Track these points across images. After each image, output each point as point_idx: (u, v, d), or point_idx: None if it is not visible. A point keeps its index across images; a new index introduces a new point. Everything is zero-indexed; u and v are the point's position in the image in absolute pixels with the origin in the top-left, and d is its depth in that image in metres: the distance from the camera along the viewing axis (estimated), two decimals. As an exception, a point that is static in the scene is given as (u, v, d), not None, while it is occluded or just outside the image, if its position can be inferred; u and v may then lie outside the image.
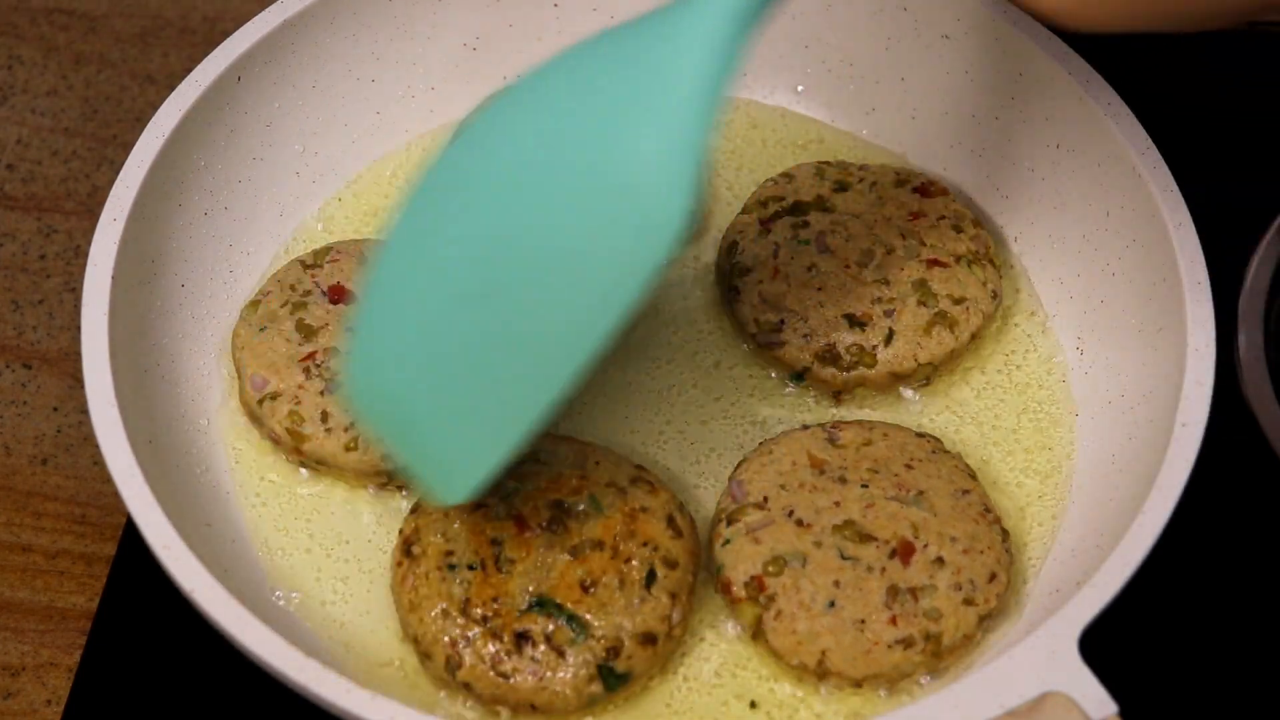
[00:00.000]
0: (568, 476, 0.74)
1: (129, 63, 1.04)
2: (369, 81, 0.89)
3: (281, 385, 0.77)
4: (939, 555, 0.73)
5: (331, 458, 0.77)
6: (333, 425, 0.76)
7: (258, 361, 0.78)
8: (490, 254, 0.65)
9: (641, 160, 0.63)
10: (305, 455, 0.77)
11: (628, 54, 0.64)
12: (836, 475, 0.76)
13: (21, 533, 0.85)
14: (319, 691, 0.65)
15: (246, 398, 0.78)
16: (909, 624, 0.72)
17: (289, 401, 0.77)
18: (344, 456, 0.76)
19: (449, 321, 0.66)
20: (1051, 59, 0.83)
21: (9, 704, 0.80)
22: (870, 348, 0.80)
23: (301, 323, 0.79)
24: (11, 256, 0.96)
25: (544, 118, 0.66)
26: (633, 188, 0.63)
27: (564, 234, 0.64)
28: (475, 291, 0.65)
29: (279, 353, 0.78)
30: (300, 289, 0.81)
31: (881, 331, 0.81)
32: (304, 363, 0.78)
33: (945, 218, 0.84)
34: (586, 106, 0.65)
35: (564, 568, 0.72)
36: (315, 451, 0.77)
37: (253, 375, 0.78)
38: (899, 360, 0.80)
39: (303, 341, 0.79)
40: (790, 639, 0.72)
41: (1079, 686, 0.65)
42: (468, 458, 0.67)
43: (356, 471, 0.77)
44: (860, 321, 0.81)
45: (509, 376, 0.65)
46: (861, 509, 0.74)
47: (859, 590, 0.72)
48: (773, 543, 0.73)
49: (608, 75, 0.64)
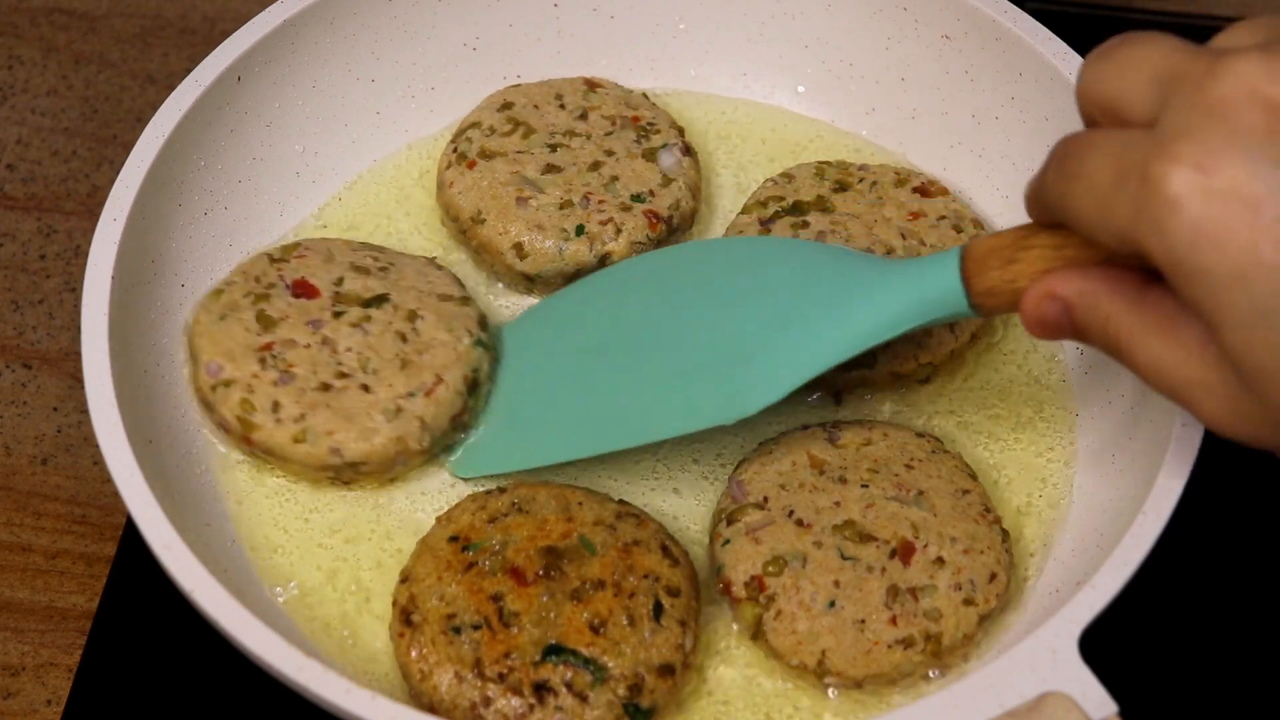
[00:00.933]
0: (553, 522, 0.74)
1: (129, 63, 1.04)
2: (369, 81, 0.89)
3: (236, 373, 0.77)
4: (939, 555, 0.73)
5: (279, 449, 0.76)
6: (283, 417, 0.76)
7: (214, 348, 0.78)
8: (622, 338, 0.78)
9: (777, 353, 0.73)
10: (254, 445, 0.76)
11: (827, 269, 0.74)
12: (836, 475, 0.76)
13: (21, 533, 0.85)
14: (319, 691, 0.65)
15: (200, 383, 0.78)
16: (909, 624, 0.72)
17: (241, 390, 0.76)
18: (292, 448, 0.76)
19: (567, 366, 0.79)
20: (1051, 59, 0.83)
21: (9, 704, 0.80)
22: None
23: (262, 314, 0.79)
24: (11, 256, 0.96)
25: (722, 270, 0.79)
26: (757, 369, 0.73)
27: (679, 354, 0.76)
28: (598, 353, 0.79)
29: (236, 341, 0.78)
30: (264, 281, 0.80)
31: None
32: (261, 352, 0.77)
33: (945, 218, 0.84)
34: (766, 279, 0.76)
35: (570, 612, 0.71)
36: (264, 441, 0.76)
37: (208, 361, 0.77)
38: (899, 360, 0.80)
39: (261, 332, 0.78)
40: (790, 639, 0.72)
41: (1079, 686, 0.65)
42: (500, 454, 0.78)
43: (304, 465, 0.77)
44: None
45: (589, 416, 0.77)
46: (862, 509, 0.74)
47: (859, 590, 0.72)
48: (773, 543, 0.73)
49: (802, 268, 0.75)
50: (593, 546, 0.73)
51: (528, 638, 0.70)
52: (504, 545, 0.73)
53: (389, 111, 0.90)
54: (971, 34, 0.86)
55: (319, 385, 0.76)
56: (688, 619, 0.72)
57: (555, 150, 0.86)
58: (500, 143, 0.86)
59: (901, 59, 0.90)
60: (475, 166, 0.85)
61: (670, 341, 0.77)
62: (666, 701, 0.71)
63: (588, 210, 0.84)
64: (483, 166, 0.85)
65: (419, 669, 0.71)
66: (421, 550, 0.74)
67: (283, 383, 0.76)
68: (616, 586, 0.72)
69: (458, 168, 0.86)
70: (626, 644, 0.71)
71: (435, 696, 0.70)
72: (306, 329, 0.78)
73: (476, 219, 0.84)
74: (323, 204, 0.89)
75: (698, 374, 0.75)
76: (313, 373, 0.77)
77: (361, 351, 0.78)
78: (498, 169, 0.85)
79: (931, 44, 0.88)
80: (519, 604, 0.71)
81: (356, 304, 0.79)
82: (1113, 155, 0.57)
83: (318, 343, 0.78)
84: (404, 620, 0.72)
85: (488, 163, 0.85)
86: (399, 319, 0.79)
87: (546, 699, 0.69)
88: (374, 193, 0.89)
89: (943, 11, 0.87)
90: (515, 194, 0.84)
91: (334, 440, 0.75)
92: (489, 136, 0.87)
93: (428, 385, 0.77)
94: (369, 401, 0.76)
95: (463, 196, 0.85)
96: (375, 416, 0.76)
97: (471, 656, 0.70)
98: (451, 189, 0.85)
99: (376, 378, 0.77)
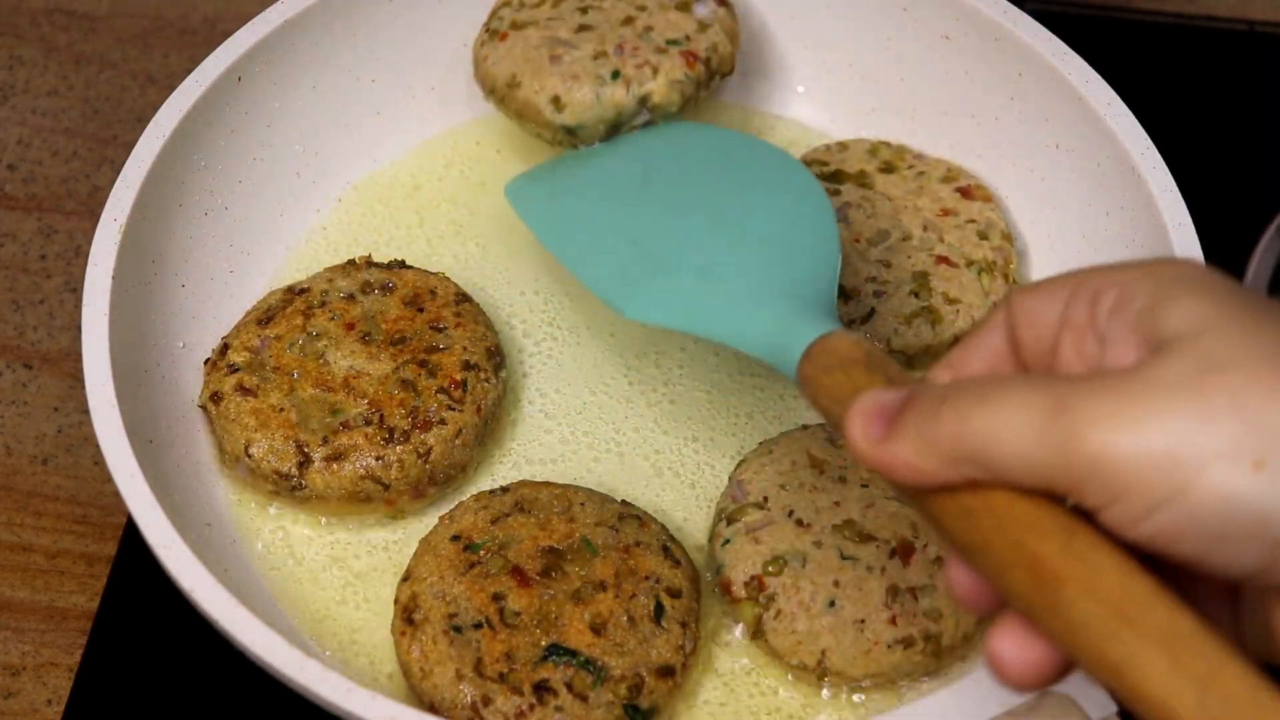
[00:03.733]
0: (555, 522, 0.74)
1: (129, 63, 1.05)
2: (369, 82, 0.89)
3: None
4: (939, 554, 0.73)
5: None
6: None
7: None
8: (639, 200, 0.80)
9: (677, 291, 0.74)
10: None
11: (764, 245, 0.75)
12: (836, 475, 0.76)
13: (22, 533, 0.85)
14: (319, 691, 0.65)
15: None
16: (909, 624, 0.72)
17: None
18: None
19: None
20: (1051, 59, 0.83)
21: (9, 704, 0.80)
22: (847, 320, 0.80)
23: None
24: (12, 256, 0.96)
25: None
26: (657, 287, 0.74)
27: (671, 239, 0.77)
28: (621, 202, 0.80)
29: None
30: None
31: (864, 308, 0.81)
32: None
33: (974, 222, 0.84)
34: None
35: (571, 613, 0.71)
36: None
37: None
38: (871, 340, 0.80)
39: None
40: (790, 639, 0.72)
41: (1079, 686, 0.65)
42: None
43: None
44: (848, 294, 0.81)
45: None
46: (861, 509, 0.74)
47: (859, 590, 0.72)
48: (773, 542, 0.73)
49: (760, 221, 0.77)
50: (594, 547, 0.73)
51: (528, 637, 0.70)
52: (506, 545, 0.73)
53: (389, 111, 0.90)
54: (971, 34, 0.87)
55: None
56: (688, 620, 0.72)
57: (586, 12, 0.86)
58: (530, 14, 0.86)
59: (901, 59, 0.90)
60: (507, 38, 0.86)
61: (669, 224, 0.78)
62: (666, 702, 0.71)
63: (623, 58, 0.83)
64: (514, 37, 0.86)
65: (420, 668, 0.71)
66: (423, 549, 0.74)
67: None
68: (618, 587, 0.72)
69: (490, 43, 0.86)
70: (627, 645, 0.71)
71: (436, 695, 0.70)
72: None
73: (512, 83, 0.84)
74: (323, 204, 0.89)
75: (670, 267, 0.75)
76: None
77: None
78: (530, 36, 0.85)
79: (931, 44, 0.88)
80: (520, 604, 0.71)
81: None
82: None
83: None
84: (405, 619, 0.72)
85: (519, 33, 0.86)
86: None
87: (546, 699, 0.69)
88: (374, 193, 0.89)
89: (943, 11, 0.87)
90: (549, 54, 0.84)
91: None
92: (519, 10, 0.87)
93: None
94: None
95: (497, 66, 0.85)
96: None
97: (472, 656, 0.70)
98: (486, 62, 0.86)
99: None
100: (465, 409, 0.77)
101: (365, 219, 0.88)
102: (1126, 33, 1.00)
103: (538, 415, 0.82)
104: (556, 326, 0.85)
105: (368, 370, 0.78)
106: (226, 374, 0.78)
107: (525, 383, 0.83)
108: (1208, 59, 0.99)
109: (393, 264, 0.83)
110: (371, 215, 0.89)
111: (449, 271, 0.86)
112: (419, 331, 0.79)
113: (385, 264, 0.83)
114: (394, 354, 0.78)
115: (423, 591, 0.72)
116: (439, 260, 0.87)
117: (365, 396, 0.77)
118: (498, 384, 0.79)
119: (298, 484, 0.76)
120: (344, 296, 0.81)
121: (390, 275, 0.82)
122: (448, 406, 0.77)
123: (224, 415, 0.77)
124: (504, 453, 0.81)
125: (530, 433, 0.81)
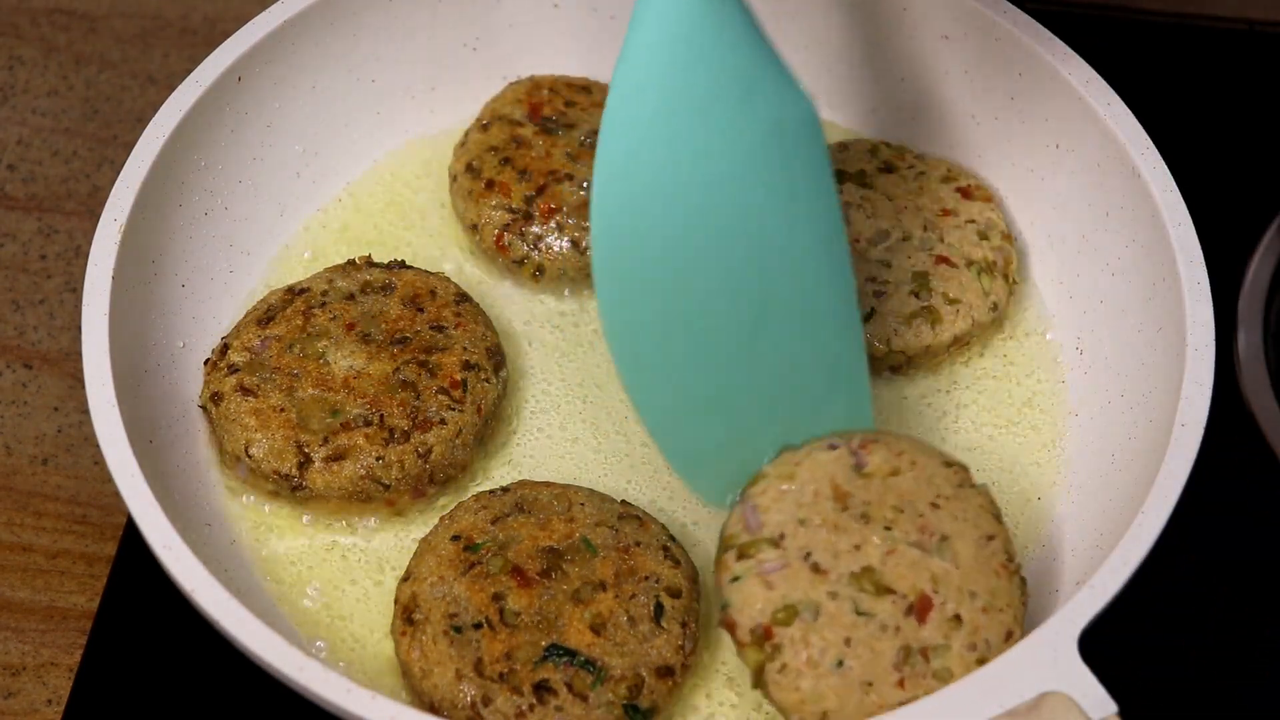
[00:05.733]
0: (555, 522, 0.74)
1: (129, 63, 1.05)
2: (369, 81, 0.89)
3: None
4: (957, 613, 0.69)
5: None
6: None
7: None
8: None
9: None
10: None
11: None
12: (859, 512, 0.71)
13: (22, 533, 0.85)
14: (319, 691, 0.65)
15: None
16: (916, 685, 0.68)
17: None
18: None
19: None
20: (1051, 59, 0.83)
21: (9, 703, 0.80)
22: None
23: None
24: (12, 256, 0.96)
25: None
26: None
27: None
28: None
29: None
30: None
31: (864, 308, 0.81)
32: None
33: (974, 222, 0.84)
34: None
35: (571, 613, 0.71)
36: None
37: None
38: (870, 342, 0.80)
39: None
40: (793, 695, 0.69)
41: (1079, 686, 0.65)
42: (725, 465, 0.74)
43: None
44: None
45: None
46: (882, 555, 0.70)
47: (870, 650, 0.68)
48: (786, 589, 0.69)
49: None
50: (594, 547, 0.73)
51: (528, 637, 0.70)
52: (506, 545, 0.73)
53: (389, 111, 0.90)
54: (971, 34, 0.86)
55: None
56: (688, 620, 0.72)
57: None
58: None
59: (901, 59, 0.90)
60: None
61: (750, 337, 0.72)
62: (666, 702, 0.71)
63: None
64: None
65: (420, 667, 0.71)
66: (424, 549, 0.74)
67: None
68: (617, 588, 0.72)
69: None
70: (627, 645, 0.71)
71: (436, 695, 0.70)
72: None
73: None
74: (323, 204, 0.89)
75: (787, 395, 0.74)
76: None
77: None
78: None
79: (931, 44, 0.88)
80: (520, 604, 0.71)
81: None
82: None
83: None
84: (405, 619, 0.72)
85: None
86: None
87: (546, 699, 0.69)
88: (375, 193, 0.89)
89: (942, 11, 0.87)
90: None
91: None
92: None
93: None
94: None
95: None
96: None
97: (472, 656, 0.70)
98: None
99: None
100: (465, 409, 0.77)
101: (365, 219, 0.88)
102: (1126, 33, 1.00)
103: (538, 415, 0.82)
104: (556, 326, 0.85)
105: (368, 370, 0.78)
106: (226, 374, 0.78)
107: (525, 383, 0.83)
108: (1208, 59, 0.99)
109: (393, 264, 0.83)
110: (371, 215, 0.89)
111: (449, 271, 0.86)
112: (419, 331, 0.79)
113: (385, 264, 0.83)
114: (394, 354, 0.78)
115: (423, 591, 0.72)
116: (439, 260, 0.87)
117: (365, 396, 0.77)
118: (498, 384, 0.79)
119: (298, 484, 0.76)
120: (344, 297, 0.81)
121: (390, 275, 0.82)
122: (448, 406, 0.77)
123: (224, 415, 0.77)
124: (504, 453, 0.81)
125: (530, 433, 0.81)
